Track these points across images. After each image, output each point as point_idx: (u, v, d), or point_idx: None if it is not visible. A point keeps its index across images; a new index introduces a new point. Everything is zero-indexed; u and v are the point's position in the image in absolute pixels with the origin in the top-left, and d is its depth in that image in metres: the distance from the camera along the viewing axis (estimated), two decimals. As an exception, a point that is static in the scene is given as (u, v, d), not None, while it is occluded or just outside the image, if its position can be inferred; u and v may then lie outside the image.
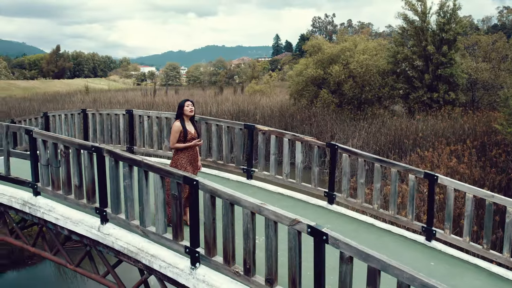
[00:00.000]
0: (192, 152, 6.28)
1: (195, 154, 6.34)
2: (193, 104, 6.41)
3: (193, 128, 6.35)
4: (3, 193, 7.05)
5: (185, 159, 6.18)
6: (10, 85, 70.80)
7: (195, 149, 6.34)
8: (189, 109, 6.27)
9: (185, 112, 6.25)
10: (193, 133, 6.27)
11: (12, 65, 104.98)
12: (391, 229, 6.90)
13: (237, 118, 27.34)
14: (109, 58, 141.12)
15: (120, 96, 42.17)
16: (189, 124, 6.32)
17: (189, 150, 6.24)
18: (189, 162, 6.21)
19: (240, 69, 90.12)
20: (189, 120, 6.35)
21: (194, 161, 6.32)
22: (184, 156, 6.18)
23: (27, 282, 12.50)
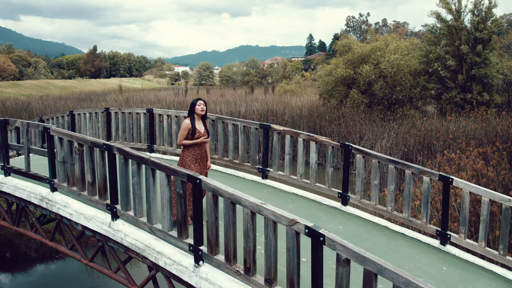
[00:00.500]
0: (199, 151, 6.29)
1: (202, 153, 6.34)
2: (205, 104, 6.41)
3: (203, 127, 6.37)
4: (23, 189, 7.27)
5: (191, 157, 6.21)
6: (48, 84, 73.06)
7: (202, 148, 6.34)
8: (201, 108, 6.29)
9: (196, 111, 6.28)
10: (202, 132, 6.29)
11: (51, 65, 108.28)
12: (404, 232, 6.75)
13: (265, 118, 27.35)
14: (144, 58, 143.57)
15: (152, 95, 42.87)
16: (199, 122, 6.35)
17: (195, 148, 6.25)
18: (194, 160, 6.23)
19: (273, 69, 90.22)
20: (200, 119, 6.37)
21: (201, 160, 6.32)
22: (190, 154, 6.21)
23: (55, 276, 12.86)
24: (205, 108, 6.36)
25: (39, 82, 74.75)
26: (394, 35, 30.68)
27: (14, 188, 7.40)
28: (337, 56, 29.07)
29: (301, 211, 7.11)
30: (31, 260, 13.41)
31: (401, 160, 6.89)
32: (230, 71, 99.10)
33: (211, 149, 9.17)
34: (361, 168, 7.21)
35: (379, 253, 5.99)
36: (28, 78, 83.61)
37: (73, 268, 12.67)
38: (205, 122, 6.45)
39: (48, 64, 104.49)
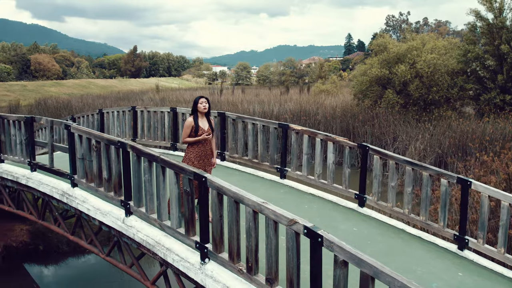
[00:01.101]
0: (203, 148, 6.32)
1: (207, 151, 6.37)
2: (208, 101, 6.46)
3: (207, 124, 6.40)
4: (47, 184, 7.53)
5: (194, 154, 6.26)
6: (90, 84, 75.20)
7: (207, 145, 6.37)
8: (203, 106, 6.35)
9: (199, 109, 6.33)
10: (205, 129, 6.33)
11: (93, 64, 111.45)
12: (422, 236, 6.57)
13: (298, 118, 27.23)
14: (183, 58, 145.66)
15: (188, 94, 43.38)
16: (203, 120, 6.39)
17: (199, 146, 6.29)
18: (198, 157, 6.27)
19: (310, 69, 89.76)
20: (203, 116, 6.42)
21: (205, 157, 6.35)
22: (194, 151, 6.26)
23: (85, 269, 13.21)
24: (208, 106, 6.40)
25: (81, 82, 77.06)
26: (431, 34, 29.92)
27: (38, 183, 7.67)
28: (372, 55, 28.64)
29: (316, 212, 7.05)
30: (63, 253, 13.80)
31: (419, 162, 6.71)
32: (267, 71, 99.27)
33: (232, 148, 9.21)
34: (378, 169, 7.07)
35: (392, 256, 5.86)
36: (71, 77, 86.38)
37: (104, 262, 12.99)
38: (209, 119, 6.50)
39: (90, 64, 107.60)
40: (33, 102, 44.52)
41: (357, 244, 5.99)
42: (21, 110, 40.06)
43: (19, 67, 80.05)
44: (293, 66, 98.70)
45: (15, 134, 8.31)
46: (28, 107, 41.83)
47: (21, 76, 77.35)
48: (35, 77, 79.21)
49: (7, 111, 40.69)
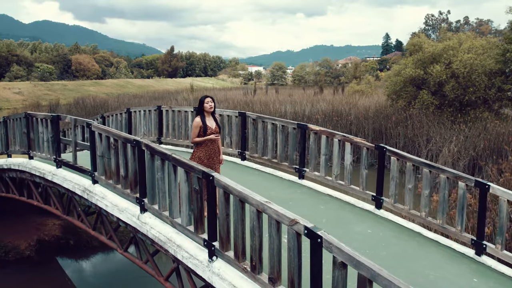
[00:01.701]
0: (211, 146, 6.41)
1: (215, 149, 6.47)
2: (213, 101, 6.58)
3: (214, 123, 6.50)
4: (70, 180, 7.78)
5: (203, 153, 6.35)
6: (127, 83, 76.93)
7: (215, 144, 6.47)
8: (209, 105, 6.44)
9: (205, 108, 6.42)
10: (213, 128, 6.42)
11: (131, 64, 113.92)
12: (438, 240, 6.42)
13: (329, 118, 27.03)
14: (219, 58, 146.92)
15: (222, 94, 43.78)
16: (209, 119, 6.48)
17: (208, 144, 6.38)
18: (207, 156, 6.37)
19: (346, 69, 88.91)
20: (210, 115, 6.51)
21: (214, 155, 6.45)
22: (202, 150, 6.35)
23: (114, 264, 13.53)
24: (213, 105, 6.51)
25: (119, 81, 78.93)
26: (469, 33, 29.10)
27: (63, 179, 7.93)
28: (406, 55, 28.10)
29: (331, 213, 6.99)
30: (92, 248, 14.19)
31: (436, 164, 6.55)
32: (303, 71, 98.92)
33: (252, 148, 9.25)
34: (395, 171, 6.95)
35: (406, 259, 5.76)
36: (110, 77, 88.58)
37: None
38: (215, 117, 6.60)
39: (129, 64, 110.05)
40: (72, 101, 45.92)
41: (370, 247, 5.94)
42: (60, 109, 41.40)
43: (61, 67, 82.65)
44: (328, 66, 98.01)
45: (43, 132, 8.62)
46: (67, 106, 43.21)
47: (62, 76, 79.85)
48: (76, 77, 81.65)
49: (47, 109, 42.17)
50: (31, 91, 57.70)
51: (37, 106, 44.23)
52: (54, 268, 13.88)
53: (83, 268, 14.03)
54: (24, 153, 9.41)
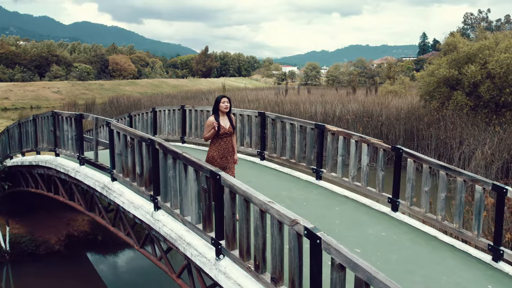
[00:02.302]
0: (224, 146, 6.47)
1: (228, 148, 6.52)
2: (229, 101, 6.61)
3: (228, 123, 6.55)
4: (91, 177, 7.98)
5: (216, 152, 6.43)
6: (162, 83, 78.17)
7: (228, 143, 6.52)
8: (224, 105, 6.50)
9: (221, 108, 6.48)
10: (227, 128, 6.48)
11: (167, 65, 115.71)
12: (454, 244, 6.26)
13: (360, 119, 26.73)
14: (253, 58, 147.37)
15: (253, 94, 43.90)
16: (224, 119, 6.54)
17: (221, 143, 6.45)
18: (220, 155, 6.43)
19: (381, 69, 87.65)
20: (225, 115, 6.57)
21: (227, 154, 6.51)
22: (216, 149, 6.43)
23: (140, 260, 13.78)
24: (229, 105, 6.56)
25: (154, 81, 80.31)
26: (506, 32, 28.17)
27: (84, 176, 8.15)
28: (440, 55, 27.46)
29: (346, 214, 6.93)
30: (119, 244, 14.50)
31: (453, 167, 6.38)
32: (337, 71, 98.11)
33: (270, 148, 9.25)
34: (412, 173, 6.82)
35: (418, 263, 5.64)
36: (145, 77, 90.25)
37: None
38: (230, 117, 6.64)
39: (164, 64, 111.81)
40: (107, 101, 47.04)
41: (382, 249, 5.85)
42: (96, 108, 42.50)
43: (98, 67, 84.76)
44: (363, 66, 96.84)
45: (67, 130, 8.87)
46: (102, 105, 44.33)
47: (100, 76, 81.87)
48: (112, 77, 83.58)
49: (84, 108, 43.35)
50: (69, 90, 59.45)
51: (74, 105, 45.48)
52: (82, 262, 14.27)
53: (110, 264, 14.38)
54: (51, 151, 9.72)
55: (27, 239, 13.90)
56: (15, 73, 68.07)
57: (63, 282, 12.89)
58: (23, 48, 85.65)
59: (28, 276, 13.12)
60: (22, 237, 13.97)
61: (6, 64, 69.35)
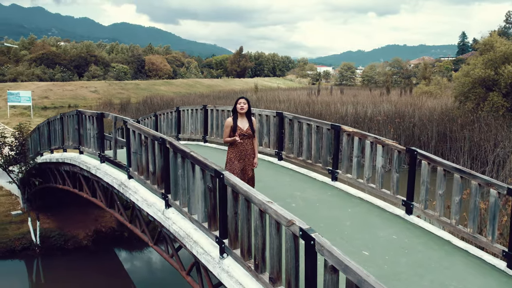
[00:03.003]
0: (242, 148, 6.42)
1: (246, 150, 6.45)
2: (248, 102, 6.54)
3: (247, 125, 6.49)
4: (110, 175, 8.18)
5: (234, 154, 6.41)
6: (196, 83, 79.02)
7: (247, 146, 6.45)
8: (240, 106, 6.46)
9: (237, 109, 6.44)
10: (244, 129, 6.42)
11: (202, 65, 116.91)
12: (468, 249, 6.07)
13: (391, 120, 26.27)
14: (288, 58, 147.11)
15: (284, 94, 43.87)
16: (242, 120, 6.50)
17: (238, 145, 6.40)
18: (238, 157, 6.39)
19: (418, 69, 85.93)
20: (244, 116, 6.52)
21: (246, 157, 6.44)
22: (233, 151, 6.41)
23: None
24: (246, 107, 6.48)
25: (189, 81, 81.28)
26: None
27: (104, 174, 8.35)
28: (476, 55, 26.71)
29: (358, 216, 6.83)
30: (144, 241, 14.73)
31: (468, 169, 6.19)
32: (372, 71, 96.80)
33: (288, 148, 9.23)
34: (426, 176, 6.66)
35: (428, 268, 5.51)
36: (181, 77, 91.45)
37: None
38: (251, 119, 6.58)
39: (199, 64, 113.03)
40: (141, 100, 47.93)
41: (391, 253, 5.75)
42: (130, 107, 43.40)
43: (135, 67, 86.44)
44: (399, 66, 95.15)
45: (90, 128, 9.11)
46: (136, 104, 45.19)
47: (136, 76, 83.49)
48: (148, 76, 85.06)
49: (119, 107, 44.35)
50: (106, 89, 60.88)
51: (109, 104, 46.58)
52: (109, 258, 14.62)
53: (136, 259, 14.67)
54: (75, 148, 10.00)
55: (56, 234, 14.36)
56: (55, 73, 70.27)
57: (90, 276, 13.24)
58: (63, 48, 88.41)
59: (57, 269, 13.55)
60: (52, 231, 14.45)
61: (47, 64, 71.66)
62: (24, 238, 14.16)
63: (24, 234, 14.23)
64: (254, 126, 6.61)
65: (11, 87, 52.18)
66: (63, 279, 13.04)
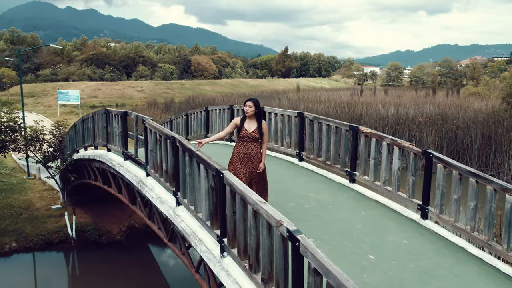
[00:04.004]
0: (245, 150, 6.19)
1: (250, 153, 6.19)
2: (255, 105, 6.23)
3: (254, 127, 6.23)
4: (131, 172, 8.39)
5: (236, 155, 6.22)
6: (240, 83, 79.58)
7: (251, 148, 6.21)
8: (246, 109, 6.24)
9: (245, 111, 6.34)
10: (249, 131, 6.19)
11: (247, 65, 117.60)
12: (483, 257, 5.80)
13: (433, 122, 25.49)
14: (334, 58, 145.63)
15: (325, 95, 43.46)
16: (250, 122, 6.27)
17: (241, 147, 6.21)
18: (240, 159, 6.17)
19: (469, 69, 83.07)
20: (253, 119, 6.27)
21: (248, 159, 6.18)
22: (236, 152, 6.25)
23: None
24: (252, 109, 6.21)
25: (233, 81, 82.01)
26: None
27: (126, 171, 8.58)
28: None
29: (371, 219, 6.68)
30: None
31: (483, 174, 5.91)
32: (421, 72, 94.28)
33: (308, 149, 9.14)
34: (442, 179, 6.41)
35: (435, 275, 5.31)
36: (226, 77, 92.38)
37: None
38: (260, 122, 6.29)
39: (244, 64, 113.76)
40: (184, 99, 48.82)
41: (399, 258, 5.60)
42: (174, 106, 44.30)
43: (181, 67, 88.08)
44: (449, 66, 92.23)
45: (116, 126, 9.37)
46: (180, 103, 46.07)
47: (182, 76, 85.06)
48: (194, 77, 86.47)
49: (163, 106, 45.34)
50: (152, 89, 62.41)
51: (154, 103, 47.70)
52: (142, 253, 15.00)
53: (168, 256, 14.93)
54: (104, 146, 10.31)
55: (91, 228, 14.87)
56: (105, 72, 72.67)
57: (123, 269, 13.64)
58: (113, 49, 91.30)
59: (91, 262, 14.04)
60: (87, 226, 14.98)
61: (97, 65, 74.22)
62: (61, 232, 14.75)
63: (62, 228, 14.83)
64: (263, 129, 6.31)
65: (62, 87, 54.46)
66: (97, 272, 13.48)
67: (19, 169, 22.25)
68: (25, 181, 19.68)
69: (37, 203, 16.80)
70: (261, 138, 6.31)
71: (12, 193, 17.81)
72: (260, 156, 6.32)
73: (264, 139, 6.38)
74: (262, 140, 6.37)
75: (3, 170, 21.80)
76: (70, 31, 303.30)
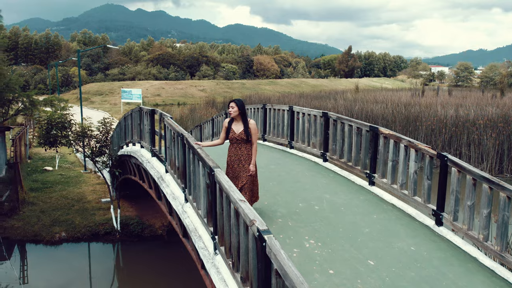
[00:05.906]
0: (234, 151, 6.12)
1: (238, 156, 6.09)
2: (237, 106, 6.11)
3: (241, 128, 6.12)
4: (155, 168, 8.61)
5: (228, 158, 6.18)
6: (301, 83, 79.19)
7: (240, 151, 6.09)
8: (229, 110, 6.14)
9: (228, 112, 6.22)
10: (236, 133, 6.09)
11: (310, 64, 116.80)
12: (495, 269, 5.42)
13: (494, 124, 24.10)
14: (400, 57, 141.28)
15: (382, 95, 42.17)
16: (238, 124, 6.16)
17: (231, 149, 6.15)
18: (231, 161, 6.12)
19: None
20: (240, 120, 6.15)
21: (239, 162, 6.08)
22: (228, 154, 6.20)
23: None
24: (234, 110, 6.09)
25: (294, 81, 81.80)
26: None
27: (151, 167, 8.83)
28: None
29: (381, 224, 6.43)
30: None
31: (496, 179, 5.49)
32: (492, 72, 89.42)
33: (331, 149, 8.94)
34: (456, 184, 6.05)
35: (435, 285, 5.03)
36: (287, 77, 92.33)
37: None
38: (247, 123, 6.14)
39: (307, 64, 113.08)
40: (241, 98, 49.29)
41: (402, 265, 5.38)
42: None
43: (243, 67, 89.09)
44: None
45: (146, 123, 9.66)
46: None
47: (244, 75, 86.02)
48: (256, 76, 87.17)
49: (221, 105, 46.08)
50: (213, 88, 63.64)
51: (212, 102, 48.59)
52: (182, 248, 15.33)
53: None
54: (138, 143, 10.65)
55: (135, 222, 15.41)
56: (169, 72, 74.97)
57: (164, 263, 14.01)
58: (178, 49, 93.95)
59: (134, 254, 14.55)
60: (131, 219, 15.54)
61: (162, 64, 76.73)
62: (107, 224, 15.40)
63: (108, 220, 15.48)
64: (250, 130, 6.12)
65: (128, 85, 56.81)
66: (139, 263, 13.96)
67: (78, 163, 23.51)
68: (82, 174, 20.77)
69: (89, 196, 17.68)
70: (250, 139, 6.14)
71: (68, 186, 18.87)
72: (249, 158, 6.14)
73: (253, 140, 6.17)
74: (251, 141, 6.16)
75: (63, 163, 23.14)
76: (140, 32, 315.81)
